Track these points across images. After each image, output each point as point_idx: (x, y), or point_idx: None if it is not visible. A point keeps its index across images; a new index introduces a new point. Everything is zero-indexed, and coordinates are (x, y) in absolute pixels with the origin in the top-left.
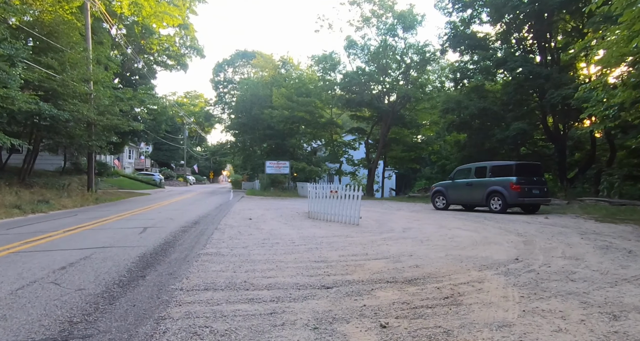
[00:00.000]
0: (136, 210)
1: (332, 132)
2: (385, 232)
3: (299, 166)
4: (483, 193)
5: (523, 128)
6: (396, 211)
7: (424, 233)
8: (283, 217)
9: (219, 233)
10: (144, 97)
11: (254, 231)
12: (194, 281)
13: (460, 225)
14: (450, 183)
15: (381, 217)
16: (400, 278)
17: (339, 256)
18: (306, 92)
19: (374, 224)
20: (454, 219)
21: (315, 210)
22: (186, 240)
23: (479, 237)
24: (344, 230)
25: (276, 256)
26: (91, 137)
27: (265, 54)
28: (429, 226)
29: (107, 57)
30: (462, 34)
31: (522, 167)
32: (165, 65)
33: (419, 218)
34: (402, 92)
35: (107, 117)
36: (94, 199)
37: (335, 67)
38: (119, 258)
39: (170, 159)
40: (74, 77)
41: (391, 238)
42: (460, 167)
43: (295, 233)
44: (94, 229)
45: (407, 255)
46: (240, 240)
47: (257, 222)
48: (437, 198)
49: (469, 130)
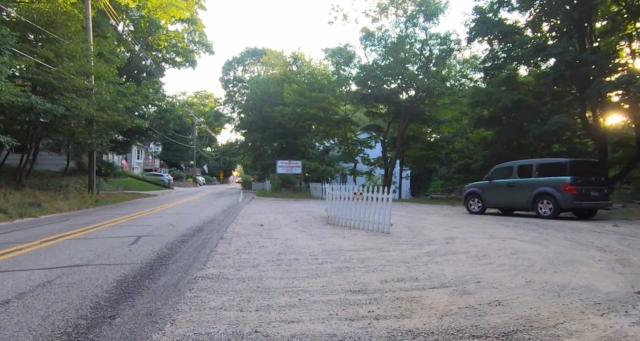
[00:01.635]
0: (136, 214)
1: (347, 130)
2: (425, 244)
3: (312, 166)
4: (528, 196)
5: (564, 122)
6: (425, 215)
7: (475, 246)
8: (298, 222)
9: (224, 245)
10: (147, 92)
11: (266, 241)
12: (181, 329)
13: (513, 234)
14: (487, 183)
15: (411, 222)
16: (487, 327)
17: (380, 282)
18: (319, 87)
19: (407, 232)
20: (500, 226)
21: (335, 214)
22: (184, 255)
23: (549, 252)
24: (374, 240)
25: (297, 281)
26: (91, 134)
27: (276, 51)
28: (474, 235)
29: (111, 51)
30: (490, 21)
31: (577, 165)
32: (174, 62)
33: (457, 225)
34: (423, 85)
35: (108, 113)
36: (93, 201)
37: (350, 61)
38: (90, 283)
39: (179, 159)
40: (70, 70)
41: (437, 253)
42: (499, 166)
43: (316, 244)
44: (77, 239)
45: (472, 280)
46: (249, 254)
47: (270, 230)
48: (472, 200)
49: (498, 125)
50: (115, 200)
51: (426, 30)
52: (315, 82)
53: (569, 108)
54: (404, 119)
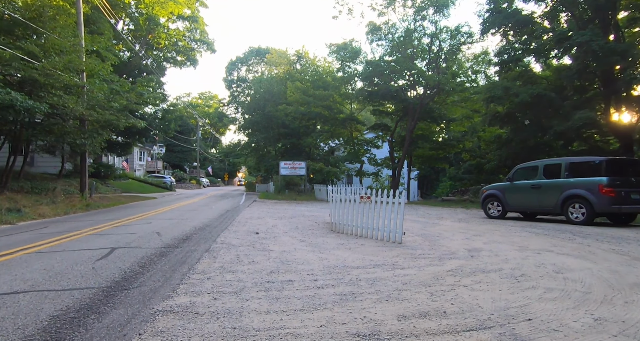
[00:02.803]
0: (124, 220)
1: (352, 129)
2: (446, 258)
3: (316, 167)
4: (556, 199)
5: (591, 118)
6: (439, 220)
7: (506, 261)
8: (299, 229)
9: (207, 260)
10: (142, 90)
11: (259, 255)
12: None
13: (547, 245)
14: (508, 185)
15: (425, 229)
16: None
17: (397, 318)
18: (323, 85)
19: (422, 242)
20: (528, 234)
21: (340, 220)
22: (155, 274)
23: (602, 270)
24: (384, 252)
25: (287, 317)
26: (83, 135)
27: (280, 50)
28: (501, 246)
29: (107, 48)
30: (504, 11)
31: (614, 164)
32: (175, 62)
33: (478, 232)
34: (433, 81)
35: (98, 112)
36: (83, 205)
37: (355, 57)
38: (10, 324)
39: (183, 161)
40: (57, 65)
41: (463, 271)
42: (522, 166)
43: (316, 259)
44: (40, 252)
45: (519, 316)
46: (234, 274)
47: (265, 239)
48: (491, 203)
49: (514, 123)
50: (109, 203)
51: (436, 24)
52: (319, 80)
53: (592, 104)
54: (412, 117)
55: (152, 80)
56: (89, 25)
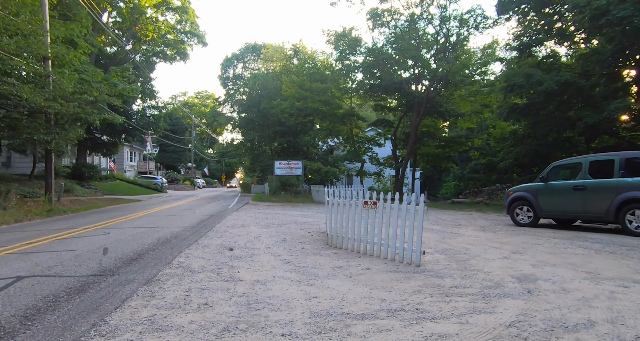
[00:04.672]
0: (78, 230)
1: (353, 126)
2: (492, 295)
3: (314, 166)
4: (608, 203)
5: (628, 107)
6: (457, 228)
7: (587, 303)
8: (287, 242)
9: (137, 302)
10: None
11: (219, 291)
12: None
13: (625, 270)
14: (541, 186)
15: (444, 241)
16: None
17: None
18: (321, 78)
19: (447, 263)
20: (585, 251)
21: (337, 232)
22: (37, 334)
23: None
24: (400, 284)
25: None
26: (41, 129)
27: (276, 45)
28: (561, 271)
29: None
30: None
31: None
32: (165, 56)
33: (515, 247)
34: (443, 70)
35: (62, 103)
36: (44, 211)
37: (355, 47)
38: None
39: (177, 162)
40: (8, 48)
41: (530, 325)
42: (560, 163)
43: (301, 297)
44: None
45: None
46: (163, 335)
47: (240, 259)
48: (519, 208)
49: (535, 116)
50: (79, 208)
51: (445, 7)
52: (316, 72)
53: (625, 92)
54: (417, 112)
55: (127, 70)
56: (65, 12)
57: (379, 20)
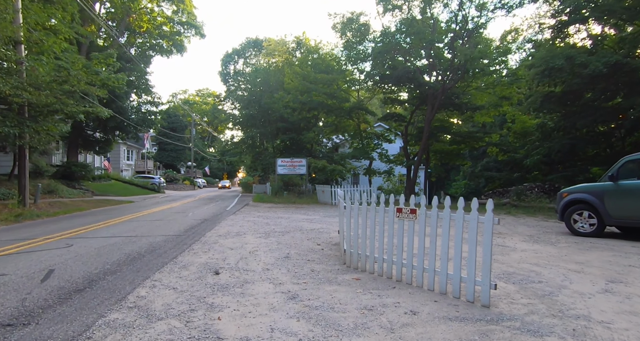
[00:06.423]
0: (39, 240)
1: (360, 120)
2: None
3: (318, 165)
4: None
5: None
6: (500, 238)
7: None
8: (291, 260)
9: None
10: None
11: None
12: None
13: None
14: (610, 186)
15: (497, 259)
16: None
17: None
18: (326, 69)
19: (527, 301)
20: None
21: (358, 248)
22: None
23: None
24: None
25: None
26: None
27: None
28: None
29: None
30: None
31: None
32: (161, 49)
33: (609, 273)
34: (461, 58)
35: (31, 92)
36: (13, 215)
37: (364, 35)
38: None
39: (176, 161)
40: None
41: None
42: (634, 156)
43: None
44: None
45: None
46: None
47: (225, 290)
48: (578, 214)
49: (571, 106)
50: (57, 211)
51: None
52: (321, 63)
53: None
54: (431, 105)
55: (111, 56)
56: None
57: (390, 3)
